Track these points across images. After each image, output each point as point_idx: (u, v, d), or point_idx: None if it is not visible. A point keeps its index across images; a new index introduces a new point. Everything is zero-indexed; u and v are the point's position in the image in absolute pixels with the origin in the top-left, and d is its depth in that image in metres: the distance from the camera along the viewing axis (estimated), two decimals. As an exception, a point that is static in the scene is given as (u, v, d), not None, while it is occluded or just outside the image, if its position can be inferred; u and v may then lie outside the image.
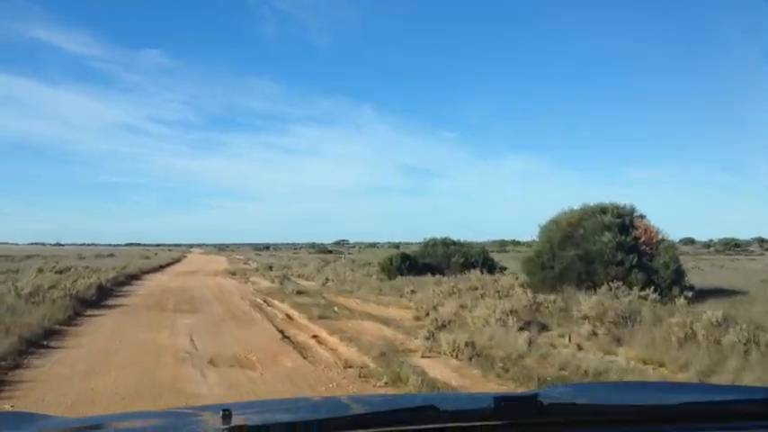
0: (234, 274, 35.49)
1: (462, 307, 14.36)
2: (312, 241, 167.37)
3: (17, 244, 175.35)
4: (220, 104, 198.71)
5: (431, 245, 27.49)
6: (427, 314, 15.49)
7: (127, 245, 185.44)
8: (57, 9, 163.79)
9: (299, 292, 22.07)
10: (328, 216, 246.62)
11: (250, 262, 53.96)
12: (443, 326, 13.65)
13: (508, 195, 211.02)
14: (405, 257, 25.54)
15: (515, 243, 78.82)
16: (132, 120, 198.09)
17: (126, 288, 24.44)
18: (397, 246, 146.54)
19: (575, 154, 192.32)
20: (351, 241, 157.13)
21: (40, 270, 26.70)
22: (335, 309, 17.99)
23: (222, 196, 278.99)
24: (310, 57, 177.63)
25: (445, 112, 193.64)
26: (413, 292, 21.30)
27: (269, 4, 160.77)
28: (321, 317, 15.71)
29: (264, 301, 20.00)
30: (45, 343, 11.10)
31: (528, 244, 26.95)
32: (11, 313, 13.15)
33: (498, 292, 17.08)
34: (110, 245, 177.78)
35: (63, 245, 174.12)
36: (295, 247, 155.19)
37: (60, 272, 26.93)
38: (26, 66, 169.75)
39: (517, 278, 18.60)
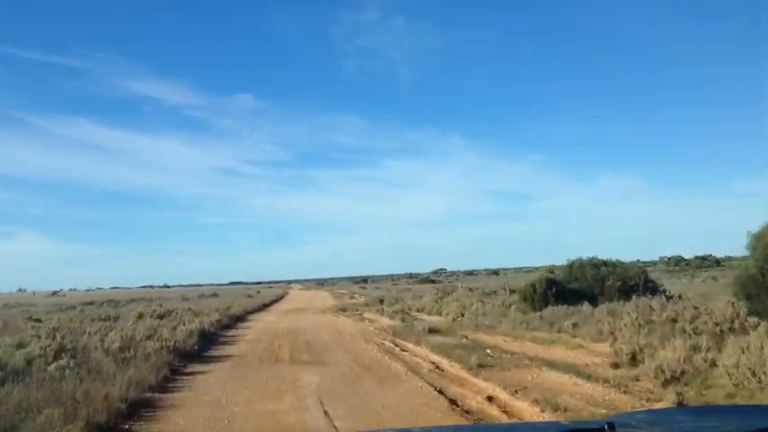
0: (344, 310, 32.23)
1: (695, 349, 9.99)
2: (409, 271, 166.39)
3: (129, 288, 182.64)
4: (310, 142, 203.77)
5: (576, 266, 23.01)
6: (633, 359, 11.21)
7: (229, 284, 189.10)
8: (154, 63, 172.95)
9: (432, 331, 18.23)
10: (423, 246, 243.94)
11: (356, 296, 50.87)
12: (674, 379, 9.39)
13: (606, 215, 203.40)
14: (550, 283, 21.23)
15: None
16: (227, 162, 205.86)
17: (231, 332, 21.47)
18: (495, 272, 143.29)
19: (673, 170, 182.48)
20: (448, 269, 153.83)
21: (140, 316, 24.33)
22: (489, 352, 14.03)
23: (317, 231, 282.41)
24: (395, 89, 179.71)
25: (533, 135, 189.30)
26: (575, 325, 17.07)
27: (351, 42, 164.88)
28: (480, 365, 11.82)
29: (395, 344, 16.30)
30: (125, 427, 7.77)
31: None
32: (90, 378, 10.07)
33: (718, 324, 12.50)
34: (213, 284, 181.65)
35: (170, 287, 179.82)
36: (393, 278, 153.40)
37: (161, 316, 24.45)
38: (129, 119, 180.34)
39: (733, 304, 14.00)
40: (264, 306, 40.28)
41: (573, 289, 22.47)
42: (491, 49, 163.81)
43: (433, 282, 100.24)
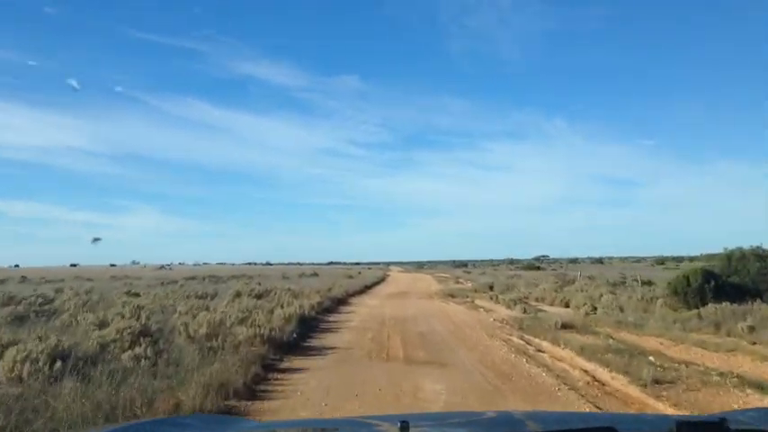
0: (452, 296, 29.65)
1: None
2: (509, 257, 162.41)
3: (233, 264, 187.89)
4: (413, 124, 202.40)
5: (737, 258, 19.18)
6: None
7: (328, 263, 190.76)
8: (262, 45, 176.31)
9: (565, 327, 15.28)
10: (523, 231, 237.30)
11: (461, 280, 48.17)
12: None
13: (723, 203, 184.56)
14: (708, 275, 17.64)
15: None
16: (331, 143, 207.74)
17: (333, 318, 19.42)
18: (599, 260, 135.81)
19: None
20: (551, 256, 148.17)
21: (238, 294, 22.86)
22: (652, 359, 11.03)
23: (417, 214, 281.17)
24: (499, 71, 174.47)
25: (643, 119, 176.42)
26: (751, 329, 13.73)
27: (458, 22, 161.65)
28: (656, 380, 8.97)
29: (526, 342, 13.56)
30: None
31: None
32: (166, 374, 8.09)
33: None
34: (313, 264, 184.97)
35: (271, 264, 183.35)
36: (493, 263, 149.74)
37: (259, 296, 22.88)
38: (237, 99, 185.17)
39: None
40: (366, 288, 38.41)
41: (733, 284, 18.75)
42: (601, 28, 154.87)
43: (538, 268, 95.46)
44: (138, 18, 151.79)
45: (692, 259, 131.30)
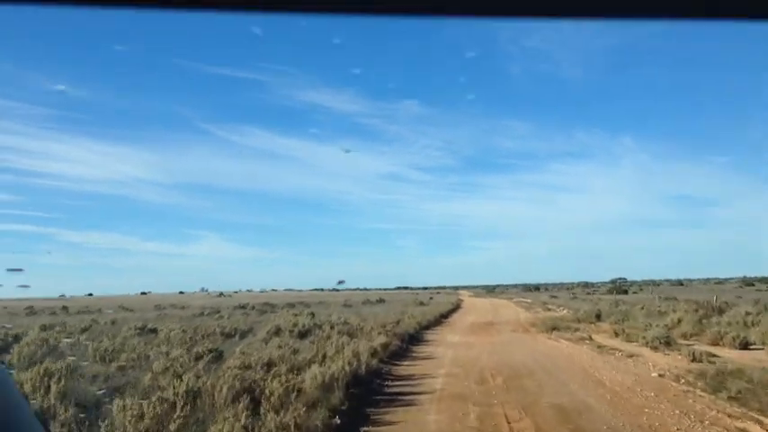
0: (555, 328, 22.90)
1: None
2: (583, 280, 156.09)
3: (300, 290, 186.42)
4: (475, 146, 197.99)
5: None
6: None
7: (395, 288, 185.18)
8: (323, 74, 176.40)
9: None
10: (596, 252, 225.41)
11: (552, 307, 41.01)
12: None
13: None
14: None
15: None
16: (395, 168, 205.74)
17: (404, 369, 13.17)
18: (680, 282, 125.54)
19: None
20: (629, 279, 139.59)
21: (277, 331, 17.07)
22: None
23: (483, 237, 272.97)
24: (561, 91, 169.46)
25: (715, 135, 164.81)
26: None
27: (517, 44, 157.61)
28: None
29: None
30: None
31: None
32: None
33: None
34: (380, 289, 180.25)
35: (339, 290, 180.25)
36: (566, 286, 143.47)
37: (304, 333, 17.05)
38: (300, 127, 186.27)
39: None
40: (442, 318, 31.99)
41: None
42: (666, 44, 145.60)
43: (625, 291, 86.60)
44: (203, 52, 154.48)
45: None
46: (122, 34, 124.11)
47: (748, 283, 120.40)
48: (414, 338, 19.62)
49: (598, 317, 27.67)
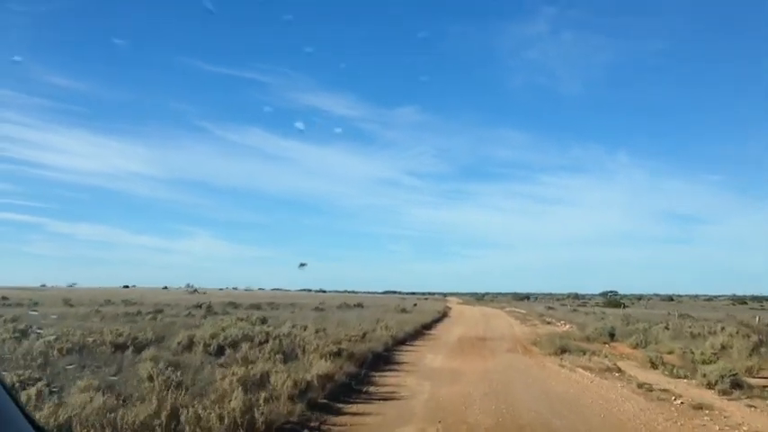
0: (564, 350, 18.00)
1: None
2: (572, 291, 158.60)
3: (288, 290, 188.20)
4: (470, 155, 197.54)
5: None
6: None
7: (384, 293, 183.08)
8: (324, 77, 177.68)
9: None
10: (585, 265, 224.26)
11: (550, 320, 36.08)
12: None
13: None
14: None
15: None
16: (389, 173, 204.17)
17: (338, 427, 8.15)
18: (670, 298, 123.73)
19: None
20: (620, 292, 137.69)
21: (190, 345, 12.09)
22: None
23: (474, 245, 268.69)
24: (559, 105, 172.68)
25: (708, 154, 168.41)
26: None
27: (518, 56, 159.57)
28: None
29: None
30: None
31: None
32: None
33: None
34: (368, 292, 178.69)
35: (326, 291, 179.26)
36: (555, 297, 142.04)
37: (225, 348, 12.04)
38: (298, 129, 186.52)
39: None
40: (424, 330, 27.01)
41: None
42: (665, 62, 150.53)
43: (624, 306, 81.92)
44: (204, 50, 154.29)
45: (764, 299, 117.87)
46: (122, 28, 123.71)
47: (741, 301, 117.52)
48: (380, 360, 14.62)
49: (612, 336, 22.82)
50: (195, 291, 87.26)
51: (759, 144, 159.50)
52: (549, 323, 33.32)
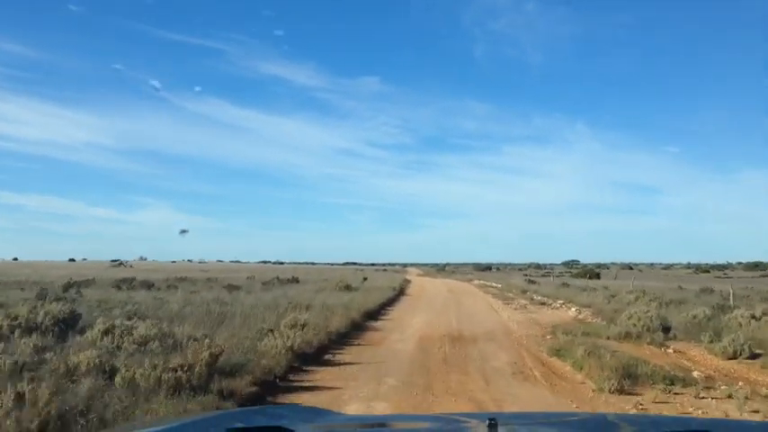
0: (630, 374, 9.16)
1: None
2: (534, 261, 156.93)
3: (247, 262, 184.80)
4: (433, 126, 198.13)
5: None
6: None
7: (344, 264, 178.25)
8: (285, 46, 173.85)
9: None
10: (546, 235, 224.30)
11: (540, 297, 27.50)
12: None
13: (748, 213, 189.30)
14: None
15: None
16: (350, 144, 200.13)
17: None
18: (629, 267, 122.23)
19: None
20: (581, 261, 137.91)
21: None
22: None
23: (435, 216, 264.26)
24: (523, 75, 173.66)
25: (668, 126, 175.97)
26: None
27: (482, 26, 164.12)
28: None
29: None
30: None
31: None
32: None
33: None
34: (329, 263, 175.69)
35: (283, 263, 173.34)
36: (520, 267, 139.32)
37: None
38: (258, 98, 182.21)
39: None
40: (368, 318, 18.01)
41: None
42: (626, 35, 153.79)
43: (598, 276, 74.75)
44: (161, 17, 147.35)
45: (723, 268, 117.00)
46: None
47: (703, 270, 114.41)
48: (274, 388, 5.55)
49: (666, 330, 14.25)
50: (120, 264, 76.64)
51: (716, 116, 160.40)
52: (542, 303, 24.72)
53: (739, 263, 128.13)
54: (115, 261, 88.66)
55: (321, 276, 44.86)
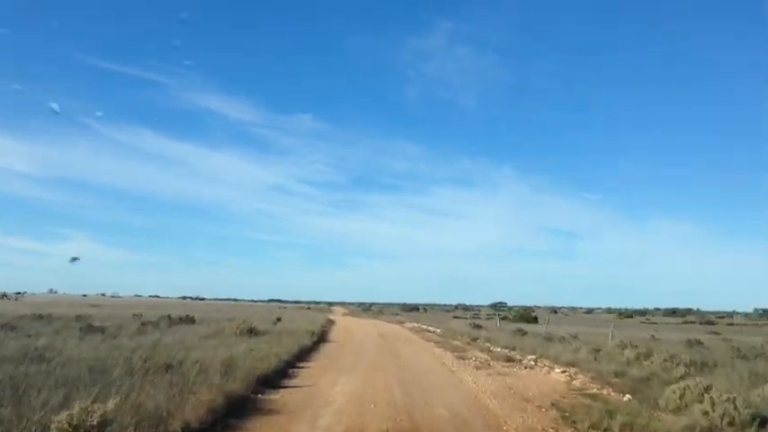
0: None
1: None
2: (461, 302, 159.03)
3: (168, 297, 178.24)
4: (364, 165, 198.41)
5: None
6: None
7: (268, 301, 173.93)
8: (220, 80, 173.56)
9: None
10: (472, 277, 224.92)
11: (503, 350, 21.35)
12: None
13: (664, 261, 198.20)
14: None
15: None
16: (281, 180, 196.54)
17: None
18: (554, 311, 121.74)
19: (736, 217, 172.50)
20: (509, 304, 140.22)
21: None
22: None
23: (363, 255, 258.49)
24: (454, 118, 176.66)
25: (588, 174, 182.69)
26: None
27: (415, 68, 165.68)
28: None
29: None
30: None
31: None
32: None
33: None
34: (253, 300, 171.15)
35: (203, 299, 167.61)
36: (447, 308, 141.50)
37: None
38: (191, 131, 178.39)
39: None
40: (263, 385, 11.33)
41: None
42: (554, 84, 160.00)
43: (536, 319, 70.34)
44: (91, 45, 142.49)
45: (643, 313, 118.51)
46: (6, 17, 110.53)
47: (626, 315, 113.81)
48: None
49: (765, 423, 8.33)
50: (4, 296, 66.11)
51: (635, 166, 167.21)
52: (509, 360, 18.50)
53: (657, 308, 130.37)
54: (51, 291, 78.18)
55: (228, 315, 37.48)
